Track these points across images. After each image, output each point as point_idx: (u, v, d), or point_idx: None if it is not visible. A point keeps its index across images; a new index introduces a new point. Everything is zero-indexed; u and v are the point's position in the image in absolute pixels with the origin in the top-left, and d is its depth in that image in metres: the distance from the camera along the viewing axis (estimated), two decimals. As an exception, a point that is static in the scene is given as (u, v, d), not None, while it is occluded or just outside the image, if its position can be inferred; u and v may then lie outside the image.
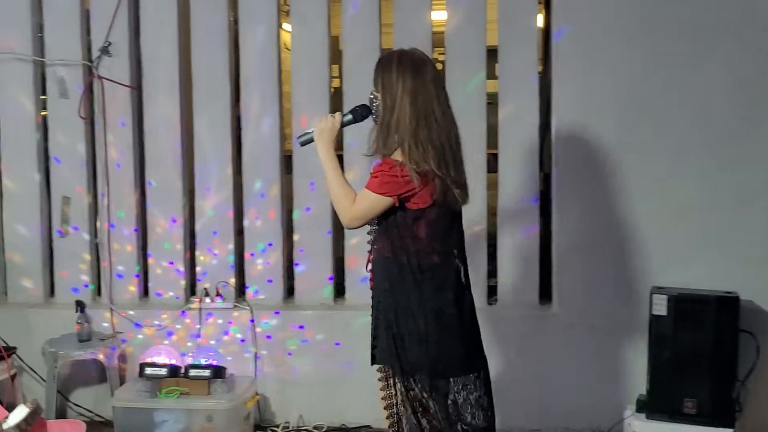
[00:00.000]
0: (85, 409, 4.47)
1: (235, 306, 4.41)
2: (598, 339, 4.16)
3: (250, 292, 4.48)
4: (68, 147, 4.51)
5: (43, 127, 4.56)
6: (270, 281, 4.46)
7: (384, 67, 2.86)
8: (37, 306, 4.57)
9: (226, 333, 4.40)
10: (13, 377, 4.16)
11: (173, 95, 4.43)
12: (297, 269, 4.47)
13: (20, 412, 3.10)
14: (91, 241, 4.54)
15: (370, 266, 3.01)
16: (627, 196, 4.10)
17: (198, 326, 4.39)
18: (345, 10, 4.33)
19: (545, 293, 4.32)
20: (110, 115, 4.45)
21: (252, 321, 4.36)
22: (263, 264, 4.46)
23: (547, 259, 4.33)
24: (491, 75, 4.32)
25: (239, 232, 4.52)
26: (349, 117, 2.97)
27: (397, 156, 2.80)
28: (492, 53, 4.25)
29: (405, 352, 2.84)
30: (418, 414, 2.87)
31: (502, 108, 4.25)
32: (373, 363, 2.98)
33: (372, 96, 2.91)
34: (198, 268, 4.52)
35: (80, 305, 4.33)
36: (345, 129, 3.05)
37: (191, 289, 4.58)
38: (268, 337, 4.38)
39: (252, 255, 4.47)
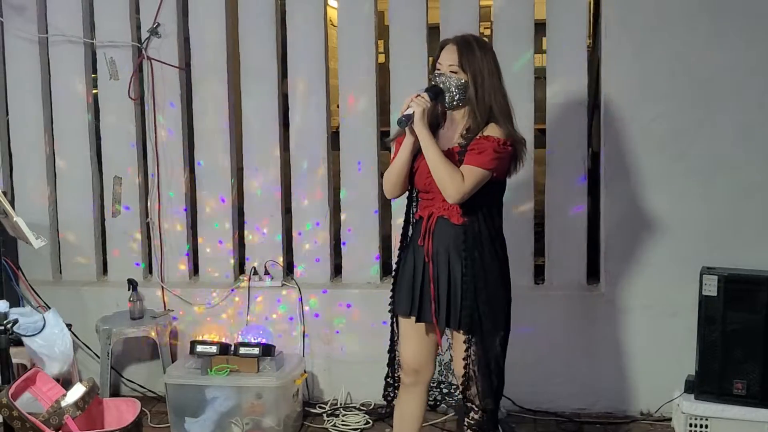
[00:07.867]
0: (138, 384, 4.58)
1: (283, 285, 4.46)
2: (646, 319, 4.14)
3: (298, 271, 4.52)
4: (119, 127, 4.57)
5: (95, 108, 4.64)
6: (317, 260, 4.49)
7: (466, 48, 2.95)
8: (91, 284, 4.67)
9: (275, 311, 4.46)
10: (69, 353, 4.27)
11: (221, 75, 4.45)
12: (344, 248, 4.49)
13: (77, 391, 3.20)
14: (142, 221, 4.62)
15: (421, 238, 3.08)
16: (679, 176, 4.05)
17: (247, 305, 4.45)
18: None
19: (593, 273, 4.29)
20: (159, 96, 4.50)
21: (300, 299, 4.41)
22: (311, 243, 4.49)
23: (595, 238, 4.29)
24: (539, 49, 4.26)
25: (287, 211, 4.56)
26: (431, 96, 2.97)
27: (491, 131, 2.94)
28: (540, 27, 4.20)
29: (495, 314, 3.02)
30: (494, 371, 3.05)
31: (550, 83, 4.20)
32: (458, 328, 3.04)
33: (443, 77, 2.96)
34: (246, 247, 4.58)
35: (132, 283, 4.42)
36: None
37: (240, 268, 4.64)
38: (316, 315, 4.43)
39: (300, 234, 4.50)
